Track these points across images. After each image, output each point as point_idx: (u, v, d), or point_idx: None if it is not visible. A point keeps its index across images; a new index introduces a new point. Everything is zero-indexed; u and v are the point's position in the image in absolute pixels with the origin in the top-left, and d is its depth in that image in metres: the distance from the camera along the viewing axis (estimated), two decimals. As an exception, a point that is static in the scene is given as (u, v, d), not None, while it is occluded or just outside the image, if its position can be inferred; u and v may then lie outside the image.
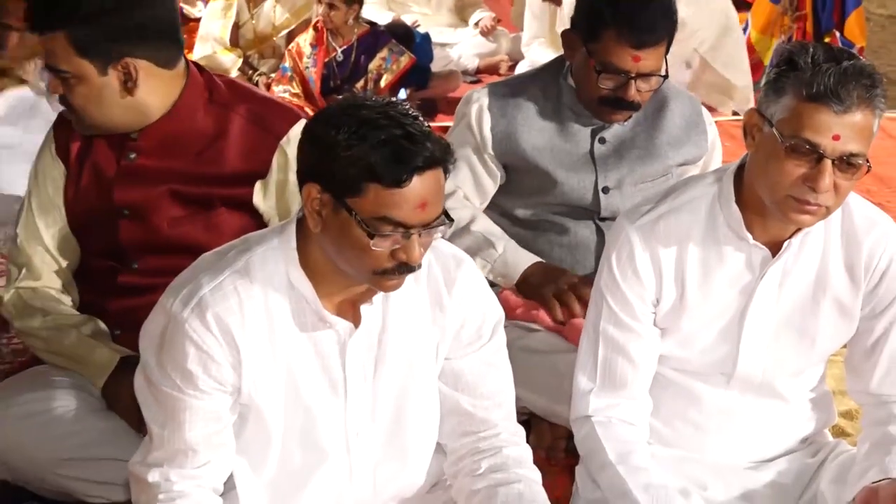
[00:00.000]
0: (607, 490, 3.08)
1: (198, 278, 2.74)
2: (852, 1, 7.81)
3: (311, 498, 2.90)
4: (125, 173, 3.44)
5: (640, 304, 3.12)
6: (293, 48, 7.81)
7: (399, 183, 2.53)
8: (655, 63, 3.74)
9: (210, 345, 2.69)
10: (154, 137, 3.40)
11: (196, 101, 3.43)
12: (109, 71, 3.29)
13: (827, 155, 2.80)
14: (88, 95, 3.32)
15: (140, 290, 3.39)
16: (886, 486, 2.97)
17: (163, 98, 3.38)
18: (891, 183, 5.90)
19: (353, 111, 2.59)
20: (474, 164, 3.93)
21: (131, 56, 3.28)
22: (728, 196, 3.05)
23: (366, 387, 2.84)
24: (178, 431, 2.75)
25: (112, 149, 3.45)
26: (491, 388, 2.98)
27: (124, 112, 3.35)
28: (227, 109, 3.44)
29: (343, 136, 2.55)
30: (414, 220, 2.58)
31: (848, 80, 2.78)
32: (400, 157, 2.53)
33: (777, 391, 3.21)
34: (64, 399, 3.44)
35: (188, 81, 3.42)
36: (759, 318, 3.11)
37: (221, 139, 3.41)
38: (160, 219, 3.42)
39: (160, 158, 3.41)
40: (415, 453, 2.98)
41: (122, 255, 3.48)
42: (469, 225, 3.88)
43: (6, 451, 3.46)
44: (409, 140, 2.54)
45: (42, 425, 3.40)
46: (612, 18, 3.68)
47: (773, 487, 3.25)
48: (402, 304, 2.83)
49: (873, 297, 3.13)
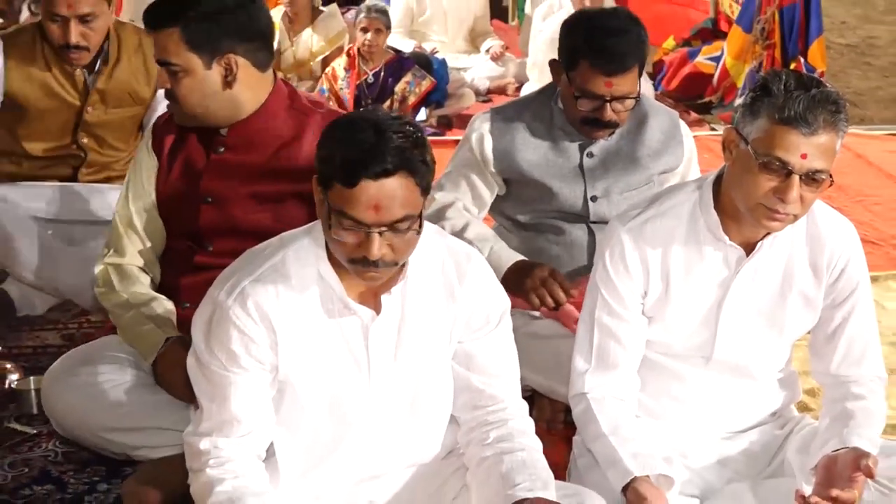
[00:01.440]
0: (600, 457, 3.08)
1: (240, 271, 2.77)
2: (815, 31, 7.79)
3: (339, 463, 2.91)
4: (213, 166, 3.46)
5: (630, 296, 3.13)
6: (329, 72, 7.83)
7: (350, 184, 2.56)
8: (628, 87, 3.73)
9: (251, 329, 2.72)
10: (241, 134, 3.43)
11: (280, 104, 3.46)
12: (213, 65, 3.32)
13: (795, 171, 2.82)
14: (193, 87, 3.34)
15: (211, 269, 3.35)
16: (844, 454, 2.97)
17: (254, 97, 3.41)
18: (848, 191, 5.90)
19: (355, 116, 2.66)
20: (473, 179, 3.94)
21: (234, 53, 3.31)
22: (707, 202, 3.06)
23: (387, 366, 2.85)
24: (225, 404, 2.78)
25: (203, 144, 3.49)
26: (498, 368, 2.99)
27: (221, 105, 3.38)
28: (305, 115, 3.47)
29: (328, 137, 2.62)
30: (368, 219, 2.58)
31: (815, 107, 2.80)
32: (356, 162, 2.55)
33: (749, 371, 3.22)
34: (118, 373, 3.50)
35: (275, 87, 3.45)
36: (734, 308, 3.12)
37: (297, 140, 3.43)
38: (236, 207, 3.44)
39: (244, 153, 3.44)
40: (431, 424, 2.99)
41: (200, 237, 3.50)
42: (461, 231, 3.87)
43: (63, 414, 3.54)
44: (374, 148, 2.55)
45: (96, 395, 3.46)
46: (586, 50, 3.68)
47: (745, 455, 3.25)
48: (419, 294, 2.84)
49: (833, 290, 3.14)
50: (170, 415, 3.41)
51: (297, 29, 8.31)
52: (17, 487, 3.50)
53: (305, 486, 2.92)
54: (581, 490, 2.96)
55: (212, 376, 2.79)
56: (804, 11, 7.75)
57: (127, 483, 3.38)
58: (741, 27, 8.10)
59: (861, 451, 2.97)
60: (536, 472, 2.83)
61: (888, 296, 4.87)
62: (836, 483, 2.92)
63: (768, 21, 7.86)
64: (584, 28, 3.76)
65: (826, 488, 2.91)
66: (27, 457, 3.65)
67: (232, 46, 3.31)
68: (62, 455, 3.66)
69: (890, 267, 5.24)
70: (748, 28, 8.01)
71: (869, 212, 5.84)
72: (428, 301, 2.86)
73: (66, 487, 3.52)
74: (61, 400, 3.55)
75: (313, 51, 8.30)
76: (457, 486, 2.96)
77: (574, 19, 3.95)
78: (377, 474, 2.96)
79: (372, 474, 2.95)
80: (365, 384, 2.84)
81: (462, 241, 3.02)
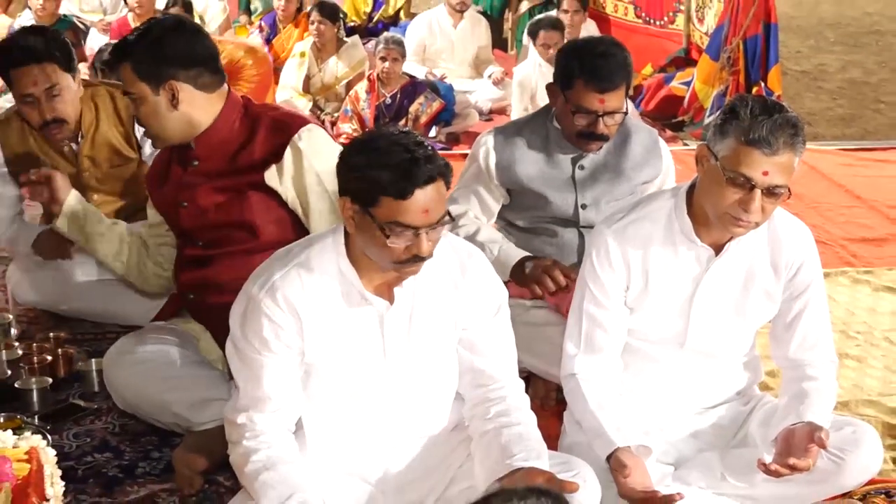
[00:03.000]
0: (588, 430, 3.08)
1: (271, 269, 2.78)
2: (773, 60, 7.76)
3: (359, 434, 2.92)
4: (187, 176, 3.47)
5: (614, 290, 3.12)
6: (352, 94, 7.82)
7: (404, 196, 2.59)
8: (617, 103, 3.73)
9: (280, 318, 2.73)
10: (206, 144, 3.41)
11: (233, 115, 3.42)
12: (160, 91, 3.31)
13: (758, 186, 2.83)
14: (148, 111, 3.35)
15: (202, 261, 3.48)
16: (800, 427, 2.97)
17: (205, 113, 3.39)
18: (804, 199, 5.89)
19: (372, 142, 2.66)
20: (481, 193, 3.93)
21: (175, 79, 3.30)
22: (681, 208, 3.06)
23: (400, 350, 2.85)
24: (258, 384, 2.79)
25: (179, 161, 3.50)
26: (498, 352, 2.98)
27: (175, 124, 3.37)
28: (256, 120, 3.44)
29: (363, 161, 2.62)
30: (419, 222, 2.62)
31: (777, 130, 2.81)
32: (403, 176, 2.59)
33: (718, 356, 3.22)
34: (171, 352, 3.53)
35: (228, 101, 3.42)
36: (704, 301, 3.11)
37: (251, 141, 3.42)
38: (206, 205, 3.44)
39: (209, 161, 3.44)
40: (439, 400, 2.99)
41: (188, 235, 3.52)
42: (474, 235, 3.88)
43: (125, 386, 3.58)
44: (413, 164, 2.59)
45: (149, 370, 3.49)
46: (581, 71, 3.69)
47: (714, 428, 3.25)
48: (427, 286, 2.84)
49: (791, 285, 3.14)
50: (211, 387, 3.45)
51: (323, 57, 8.32)
52: (81, 455, 3.51)
53: (329, 454, 2.92)
54: (571, 458, 2.95)
55: (246, 360, 2.80)
56: (764, 42, 7.74)
57: (177, 451, 3.41)
58: (709, 56, 8.09)
59: (815, 425, 2.97)
60: (532, 444, 2.83)
61: (838, 290, 4.86)
62: (793, 453, 2.92)
63: (733, 51, 7.84)
64: (579, 53, 3.77)
65: (784, 457, 2.92)
66: (89, 429, 3.66)
67: (173, 74, 3.31)
68: (119, 427, 3.67)
69: (839, 264, 5.23)
70: (716, 57, 7.99)
71: (821, 216, 5.84)
72: (435, 293, 2.86)
73: (122, 455, 3.53)
74: (120, 376, 3.58)
75: (338, 76, 8.31)
76: (462, 455, 2.96)
77: (569, 46, 3.98)
78: (392, 445, 2.96)
79: (388, 445, 2.95)
80: (381, 366, 2.85)
81: (464, 241, 3.03)
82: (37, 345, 4.06)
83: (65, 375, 3.95)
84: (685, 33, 9.09)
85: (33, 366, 3.92)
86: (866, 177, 6.66)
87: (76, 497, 3.23)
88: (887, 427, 3.71)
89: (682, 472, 3.15)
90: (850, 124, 8.58)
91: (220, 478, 3.33)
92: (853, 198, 6.26)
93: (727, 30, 7.95)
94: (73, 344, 4.14)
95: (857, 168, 6.87)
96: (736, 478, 3.10)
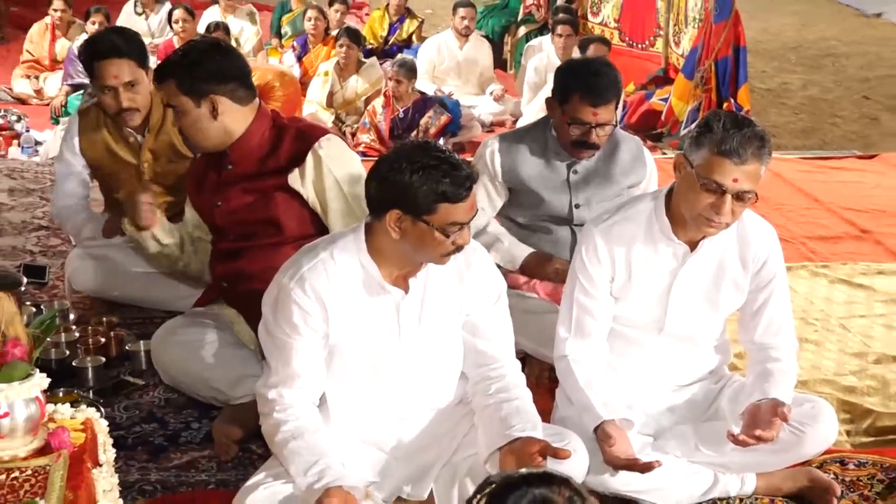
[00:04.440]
0: (577, 405, 3.08)
1: (299, 262, 2.78)
2: (742, 79, 7.74)
3: (376, 407, 2.92)
4: (222, 180, 3.49)
5: (601, 281, 3.11)
6: (370, 109, 7.85)
7: (461, 199, 2.65)
8: (608, 116, 3.73)
9: (307, 305, 2.74)
10: (239, 150, 3.43)
11: (263, 125, 3.45)
12: (202, 104, 3.33)
13: (728, 191, 2.84)
14: (190, 121, 3.37)
15: (234, 253, 3.49)
16: (765, 403, 2.97)
17: (239, 123, 3.41)
18: (769, 201, 5.87)
19: (410, 159, 2.66)
20: (489, 188, 3.92)
21: (214, 94, 3.33)
22: (661, 210, 3.05)
23: (413, 333, 2.85)
24: (287, 363, 2.79)
25: (216, 167, 3.51)
26: (498, 335, 2.99)
27: (215, 134, 3.39)
28: (283, 130, 3.47)
29: (415, 178, 2.63)
30: (466, 218, 2.69)
31: (746, 143, 2.81)
32: (458, 184, 2.64)
33: (692, 340, 3.21)
34: (210, 334, 3.54)
35: (259, 113, 3.44)
36: (680, 291, 3.10)
37: (278, 148, 3.44)
38: (238, 205, 3.46)
39: (243, 165, 3.45)
40: (446, 377, 2.99)
41: (221, 230, 3.54)
42: (485, 228, 3.89)
43: (170, 364, 3.60)
44: (457, 170, 2.64)
45: (192, 349, 3.51)
46: (577, 87, 3.69)
47: (688, 403, 3.25)
48: (437, 278, 2.85)
49: (757, 278, 3.13)
50: (245, 365, 3.45)
51: (345, 76, 8.32)
52: (130, 425, 3.51)
53: (350, 426, 2.92)
54: (562, 430, 2.95)
55: (277, 342, 2.80)
56: (734, 64, 7.71)
57: (215, 422, 3.42)
58: (685, 75, 8.07)
59: (778, 401, 2.97)
60: (528, 416, 2.83)
61: (798, 282, 4.85)
62: (759, 425, 2.92)
63: (706, 71, 7.82)
64: (575, 72, 3.79)
65: (751, 429, 2.92)
66: (137, 402, 3.66)
67: (212, 89, 3.33)
68: (164, 401, 3.67)
69: (800, 259, 5.22)
70: (690, 76, 7.97)
71: (784, 217, 5.82)
72: (443, 283, 2.86)
73: (167, 426, 3.52)
74: (166, 355, 3.59)
75: (358, 92, 8.32)
76: (466, 426, 2.96)
77: (566, 66, 4.01)
78: (405, 417, 2.96)
79: (401, 417, 2.95)
80: (396, 347, 2.85)
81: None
82: (91, 328, 4.05)
83: (116, 355, 3.95)
84: (663, 55, 9.08)
85: (88, 347, 3.92)
86: (823, 182, 6.65)
87: (126, 463, 3.23)
88: (841, 403, 3.71)
89: (661, 443, 3.14)
90: (810, 136, 8.58)
91: (253, 446, 3.33)
92: (812, 201, 6.26)
93: (700, 52, 7.93)
94: (123, 327, 4.14)
95: (815, 174, 6.86)
96: (708, 447, 3.09)
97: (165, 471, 3.26)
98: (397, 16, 10.37)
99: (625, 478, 2.98)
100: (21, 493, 2.11)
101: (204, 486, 3.20)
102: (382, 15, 10.44)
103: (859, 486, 3.25)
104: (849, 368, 4.03)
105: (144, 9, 10.19)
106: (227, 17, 9.79)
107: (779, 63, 11.41)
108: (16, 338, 2.23)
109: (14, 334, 2.23)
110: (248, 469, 3.16)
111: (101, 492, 2.32)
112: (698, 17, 8.31)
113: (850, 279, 4.96)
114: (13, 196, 5.83)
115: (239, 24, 9.74)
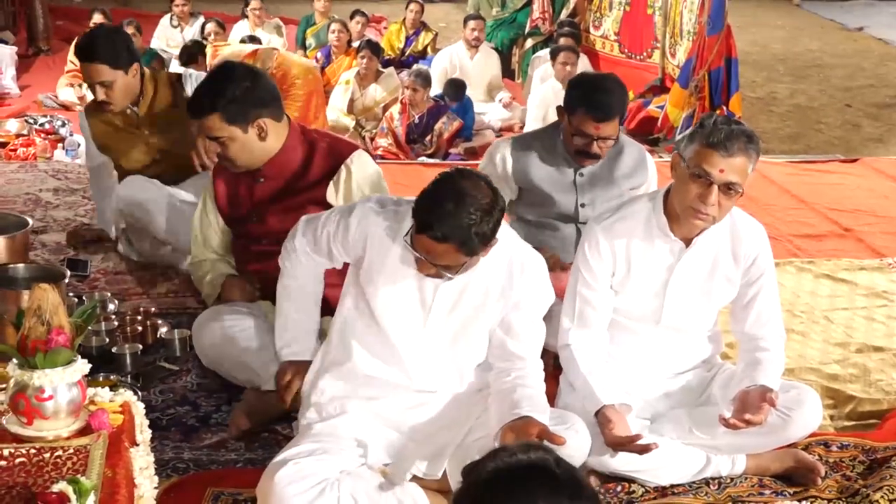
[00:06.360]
0: (580, 391, 3.07)
1: (388, 206, 2.90)
2: (734, 88, 7.70)
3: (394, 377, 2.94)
4: (255, 193, 3.52)
5: (602, 275, 3.11)
6: (388, 115, 7.85)
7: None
8: (610, 131, 3.72)
9: (350, 235, 2.92)
10: (273, 166, 3.47)
11: (295, 140, 3.48)
12: (249, 129, 3.36)
13: (714, 181, 2.82)
14: (239, 148, 3.40)
15: (267, 255, 3.48)
16: (755, 389, 2.97)
17: (278, 139, 3.45)
18: (758, 202, 5.85)
19: (481, 204, 2.68)
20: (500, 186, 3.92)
21: (260, 117, 3.35)
22: (658, 209, 3.04)
23: (442, 318, 2.86)
24: (317, 241, 3.03)
25: (247, 180, 3.55)
26: (529, 339, 2.96)
27: (261, 153, 3.44)
28: (312, 145, 3.49)
29: (488, 213, 2.68)
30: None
31: (733, 136, 2.81)
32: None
33: (687, 330, 3.20)
34: (247, 321, 3.53)
35: (290, 127, 3.46)
36: (676, 285, 3.09)
37: (309, 162, 3.47)
38: (273, 218, 3.50)
39: (274, 180, 3.49)
40: (464, 367, 2.99)
41: (255, 237, 3.59)
42: None
43: (210, 346, 3.58)
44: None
45: (231, 334, 3.50)
46: (582, 101, 3.69)
47: (683, 390, 3.24)
48: (482, 276, 2.83)
49: (748, 273, 3.12)
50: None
51: (365, 84, 8.33)
52: (165, 407, 3.51)
53: (369, 392, 2.93)
54: (565, 413, 2.96)
55: (319, 230, 3.00)
56: (726, 73, 7.68)
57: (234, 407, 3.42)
58: (680, 84, 8.03)
59: (766, 387, 2.96)
60: (539, 403, 2.83)
61: (785, 276, 4.83)
62: (748, 410, 2.91)
63: (700, 80, 7.78)
64: (584, 87, 3.77)
65: (741, 413, 2.91)
66: (172, 386, 3.66)
67: (258, 113, 3.36)
68: (197, 385, 3.66)
69: (787, 256, 5.19)
70: (685, 85, 7.94)
71: (772, 216, 5.79)
72: (489, 281, 2.85)
73: (199, 408, 3.52)
74: (207, 339, 3.57)
75: (377, 100, 8.31)
76: (479, 410, 2.95)
77: (577, 79, 4.00)
78: (423, 402, 2.95)
79: (419, 402, 2.95)
80: (420, 324, 2.86)
81: (528, 246, 2.99)
82: (129, 317, 4.06)
83: (152, 343, 3.94)
84: (660, 66, 9.03)
85: (126, 335, 3.92)
86: (809, 184, 6.62)
87: (161, 442, 3.23)
88: (825, 390, 3.69)
89: (657, 426, 3.13)
90: (797, 141, 8.54)
91: (278, 427, 3.33)
92: (798, 201, 6.23)
93: (695, 63, 7.89)
94: (158, 317, 4.14)
95: (801, 177, 6.83)
96: (701, 430, 3.08)
97: (197, 450, 3.26)
98: (413, 29, 10.38)
99: (624, 458, 2.97)
100: (64, 471, 2.12)
101: (233, 464, 3.20)
102: (399, 28, 10.46)
103: (842, 466, 3.23)
104: (832, 357, 4.01)
105: (180, 22, 10.26)
106: (255, 29, 9.82)
107: (768, 73, 11.37)
108: (59, 326, 2.24)
109: (58, 323, 2.24)
110: (274, 449, 3.15)
111: (138, 469, 2.32)
112: (693, 31, 8.27)
113: (833, 274, 4.94)
114: (58, 195, 5.84)
115: (267, 36, 9.75)
